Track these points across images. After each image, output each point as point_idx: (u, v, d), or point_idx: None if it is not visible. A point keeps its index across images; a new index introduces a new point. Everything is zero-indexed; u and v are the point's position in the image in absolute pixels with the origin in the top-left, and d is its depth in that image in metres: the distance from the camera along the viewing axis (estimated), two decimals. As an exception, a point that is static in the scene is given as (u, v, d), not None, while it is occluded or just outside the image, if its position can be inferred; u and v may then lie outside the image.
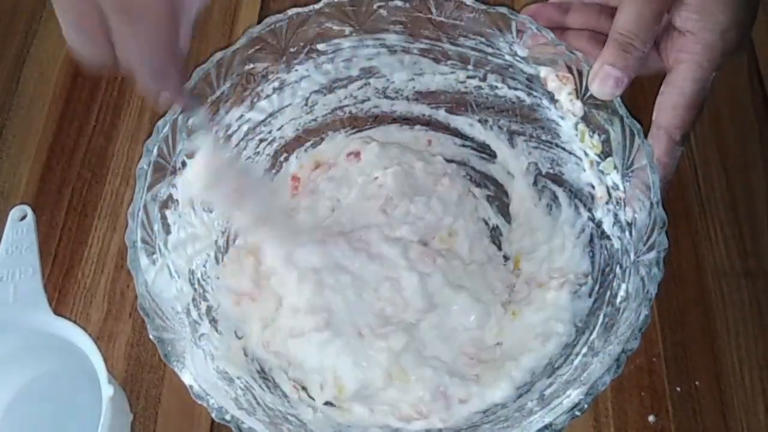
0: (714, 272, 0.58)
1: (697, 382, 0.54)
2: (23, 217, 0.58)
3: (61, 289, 0.59)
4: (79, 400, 0.52)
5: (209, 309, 0.49)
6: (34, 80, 0.68)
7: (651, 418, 0.53)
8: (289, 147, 0.57)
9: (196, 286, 0.48)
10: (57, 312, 0.54)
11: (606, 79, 0.43)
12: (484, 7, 0.48)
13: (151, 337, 0.41)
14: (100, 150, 0.65)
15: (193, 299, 0.47)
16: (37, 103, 0.67)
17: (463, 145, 0.58)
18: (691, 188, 0.62)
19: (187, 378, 0.40)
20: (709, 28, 0.42)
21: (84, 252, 0.60)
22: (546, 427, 0.38)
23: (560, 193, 0.54)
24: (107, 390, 0.44)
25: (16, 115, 0.67)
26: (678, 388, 0.54)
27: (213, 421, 0.53)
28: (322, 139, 0.58)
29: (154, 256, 0.44)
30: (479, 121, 0.56)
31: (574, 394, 0.40)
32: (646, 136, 0.44)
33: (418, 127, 0.59)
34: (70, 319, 0.50)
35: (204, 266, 0.50)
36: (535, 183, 0.56)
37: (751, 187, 0.62)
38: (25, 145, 0.65)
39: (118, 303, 0.58)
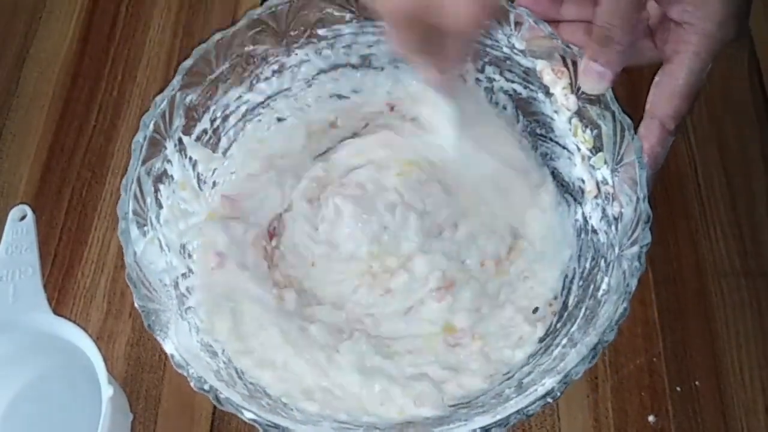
0: (714, 272, 0.58)
1: (697, 382, 0.54)
2: (23, 217, 0.58)
3: (61, 289, 0.59)
4: (79, 400, 0.52)
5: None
6: (34, 80, 0.68)
7: (651, 418, 0.53)
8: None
9: (187, 260, 0.49)
10: (57, 312, 0.54)
11: (590, 75, 0.44)
12: None
13: (136, 306, 0.41)
14: (100, 150, 0.65)
15: (183, 274, 0.48)
16: (37, 103, 0.67)
17: None
18: (691, 188, 0.62)
19: (168, 347, 0.41)
20: (707, 18, 0.42)
21: (84, 252, 0.60)
22: (518, 412, 0.39)
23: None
24: (107, 390, 0.45)
25: (16, 115, 0.67)
26: (678, 388, 0.54)
27: (213, 421, 0.53)
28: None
29: (145, 228, 0.45)
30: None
31: (549, 382, 0.40)
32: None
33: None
34: (70, 320, 0.50)
35: (195, 242, 0.50)
36: None
37: (751, 187, 0.62)
38: (25, 145, 0.65)
39: (118, 303, 0.58)
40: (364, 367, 0.48)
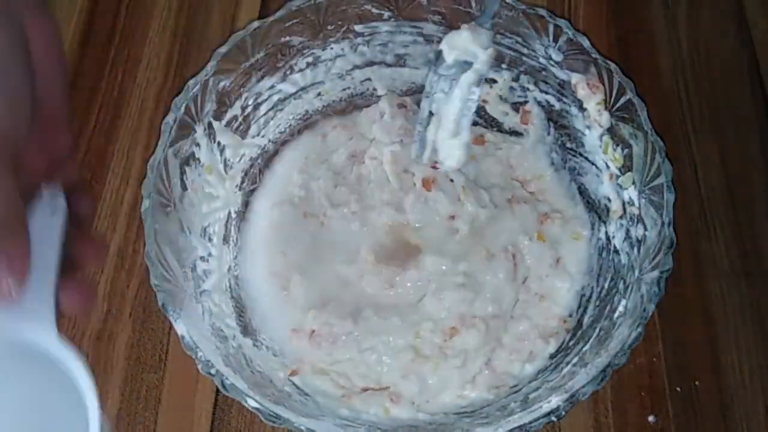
0: (714, 272, 0.58)
1: (697, 382, 0.54)
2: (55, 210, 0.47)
3: (61, 289, 0.59)
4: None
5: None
6: (34, 80, 0.68)
7: (651, 418, 0.53)
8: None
9: (207, 244, 0.49)
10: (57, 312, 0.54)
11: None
12: (523, 6, 0.48)
13: (152, 284, 0.41)
14: (100, 150, 0.65)
15: (202, 257, 0.48)
16: (37, 103, 0.67)
17: None
18: (691, 188, 0.62)
19: (180, 328, 0.41)
20: None
21: (84, 252, 0.60)
22: (520, 427, 0.39)
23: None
24: None
25: (16, 115, 0.67)
26: (678, 388, 0.54)
27: (213, 421, 0.53)
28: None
29: (168, 209, 0.45)
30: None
31: (555, 400, 0.40)
32: (668, 155, 0.44)
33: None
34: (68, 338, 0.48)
35: (216, 226, 0.51)
36: None
37: (751, 187, 0.62)
38: (25, 145, 0.65)
39: (118, 303, 0.58)
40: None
